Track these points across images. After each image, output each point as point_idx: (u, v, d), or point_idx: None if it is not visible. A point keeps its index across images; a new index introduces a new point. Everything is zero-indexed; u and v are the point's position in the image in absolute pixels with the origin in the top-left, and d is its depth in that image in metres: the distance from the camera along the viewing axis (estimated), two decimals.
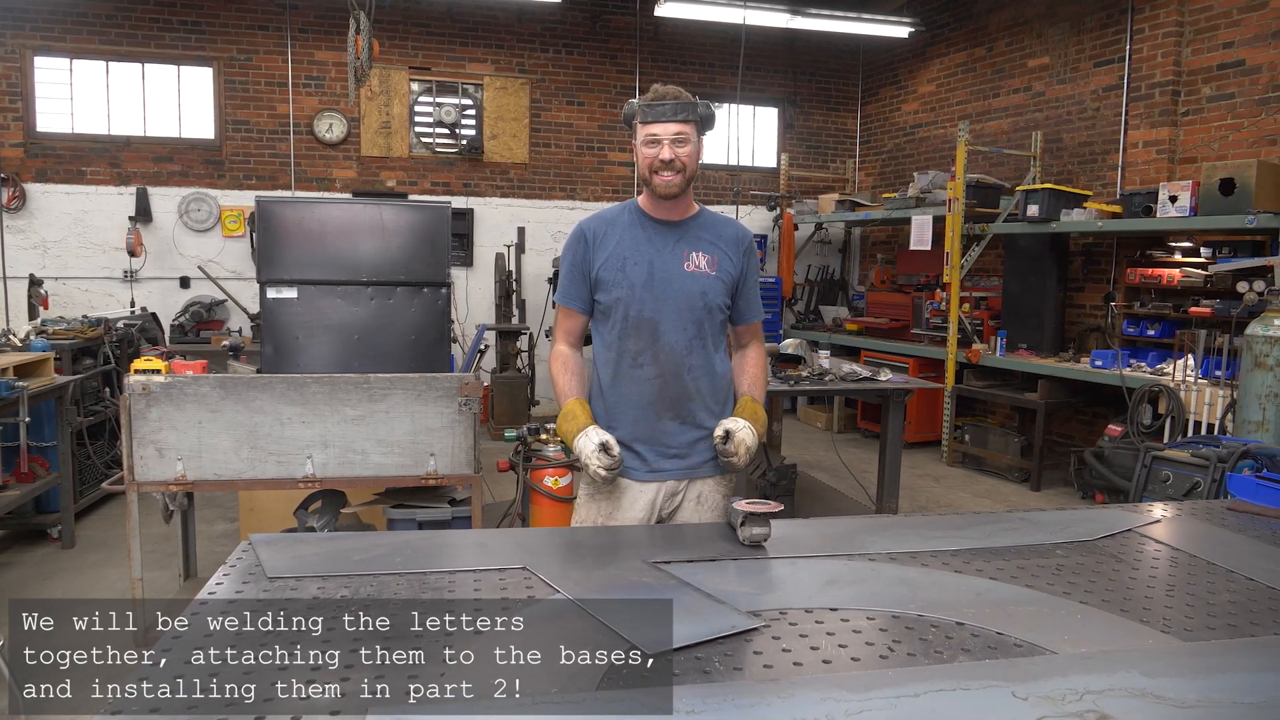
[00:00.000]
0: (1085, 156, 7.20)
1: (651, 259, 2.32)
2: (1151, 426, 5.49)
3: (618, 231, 2.36)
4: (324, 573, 1.63)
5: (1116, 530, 2.00)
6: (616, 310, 2.32)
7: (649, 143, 2.27)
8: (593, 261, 2.35)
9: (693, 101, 2.28)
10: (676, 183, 2.30)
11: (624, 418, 2.33)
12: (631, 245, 2.34)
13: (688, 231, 2.38)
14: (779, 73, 9.92)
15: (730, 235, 2.43)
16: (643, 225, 2.37)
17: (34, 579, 4.37)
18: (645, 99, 2.28)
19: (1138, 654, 1.35)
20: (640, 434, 2.32)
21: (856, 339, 8.62)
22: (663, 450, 2.32)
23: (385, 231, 3.93)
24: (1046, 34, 7.61)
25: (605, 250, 2.34)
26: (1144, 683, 1.21)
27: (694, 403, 2.33)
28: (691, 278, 2.32)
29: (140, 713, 1.11)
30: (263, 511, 4.31)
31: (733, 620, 1.42)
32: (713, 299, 2.34)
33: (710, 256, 2.35)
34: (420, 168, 8.86)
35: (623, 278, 2.31)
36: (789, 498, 5.35)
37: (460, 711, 1.11)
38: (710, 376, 2.35)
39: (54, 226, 7.97)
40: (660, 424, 2.31)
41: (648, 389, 2.31)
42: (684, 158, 2.28)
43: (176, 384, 3.26)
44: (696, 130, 2.30)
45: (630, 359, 2.32)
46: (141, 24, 8.04)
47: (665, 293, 2.30)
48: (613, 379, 2.35)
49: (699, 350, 2.33)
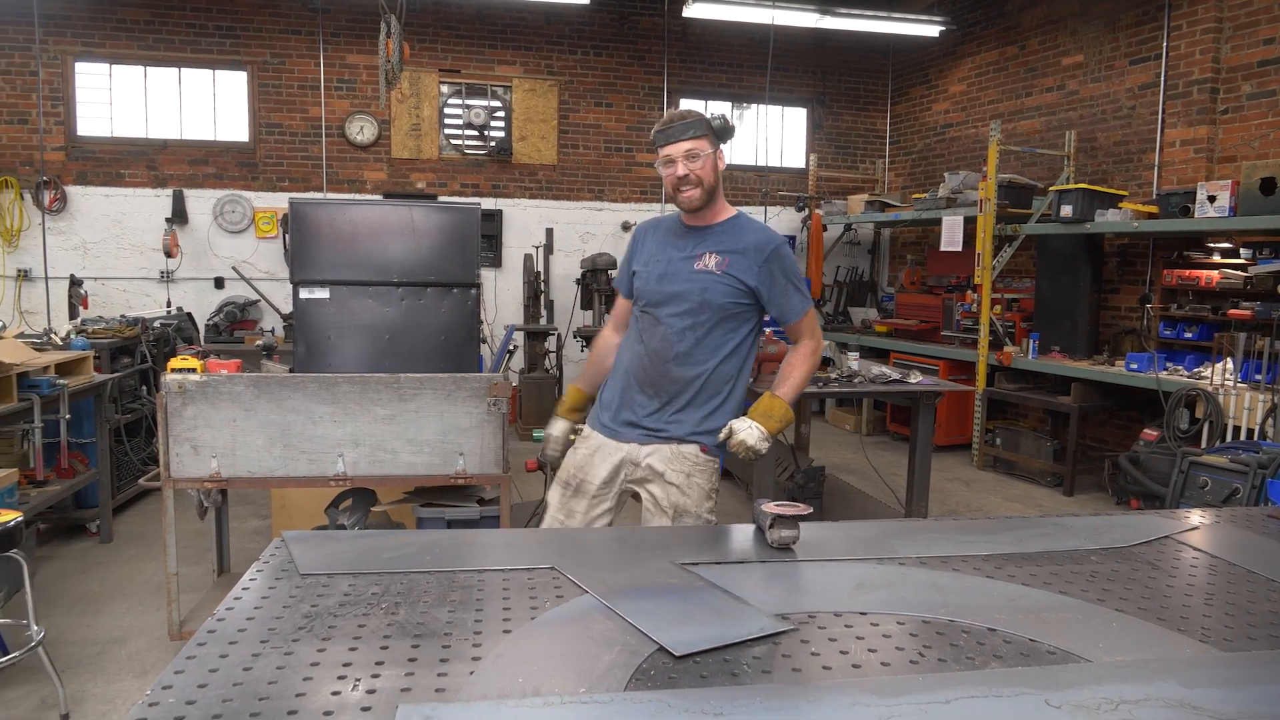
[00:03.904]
0: (1120, 156, 7.09)
1: (670, 258, 2.61)
2: (1189, 431, 5.39)
3: (658, 235, 2.70)
4: (355, 570, 1.65)
5: (1153, 537, 1.97)
6: (637, 299, 2.68)
7: (665, 163, 2.52)
8: (635, 257, 2.73)
9: (701, 118, 2.50)
10: (696, 196, 2.53)
11: (616, 379, 2.69)
12: (660, 247, 2.65)
13: (709, 236, 2.60)
14: (808, 73, 9.87)
15: (752, 241, 2.58)
16: (676, 232, 2.66)
17: (74, 572, 4.46)
18: (658, 125, 2.53)
19: (1175, 663, 1.32)
20: (620, 399, 2.64)
21: (886, 341, 8.56)
22: (629, 423, 2.61)
23: (415, 233, 3.96)
24: (1080, 32, 7.50)
25: (644, 251, 2.70)
26: (1182, 693, 1.19)
27: (672, 385, 2.56)
28: (697, 275, 2.55)
29: (176, 705, 1.13)
30: (294, 509, 4.36)
31: (761, 623, 1.42)
32: (712, 296, 2.52)
33: (721, 258, 2.55)
34: (450, 169, 8.93)
35: (646, 272, 2.64)
36: (817, 500, 5.32)
37: (489, 709, 1.12)
38: (692, 367, 2.55)
39: (93, 228, 8.14)
40: (638, 395, 2.60)
41: (637, 362, 2.62)
42: (697, 171, 2.50)
43: (211, 383, 3.31)
44: (711, 142, 2.52)
45: (635, 335, 2.67)
46: (178, 29, 8.19)
47: (670, 286, 2.57)
48: (624, 347, 2.73)
49: (690, 340, 2.54)
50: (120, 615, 3.94)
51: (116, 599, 4.12)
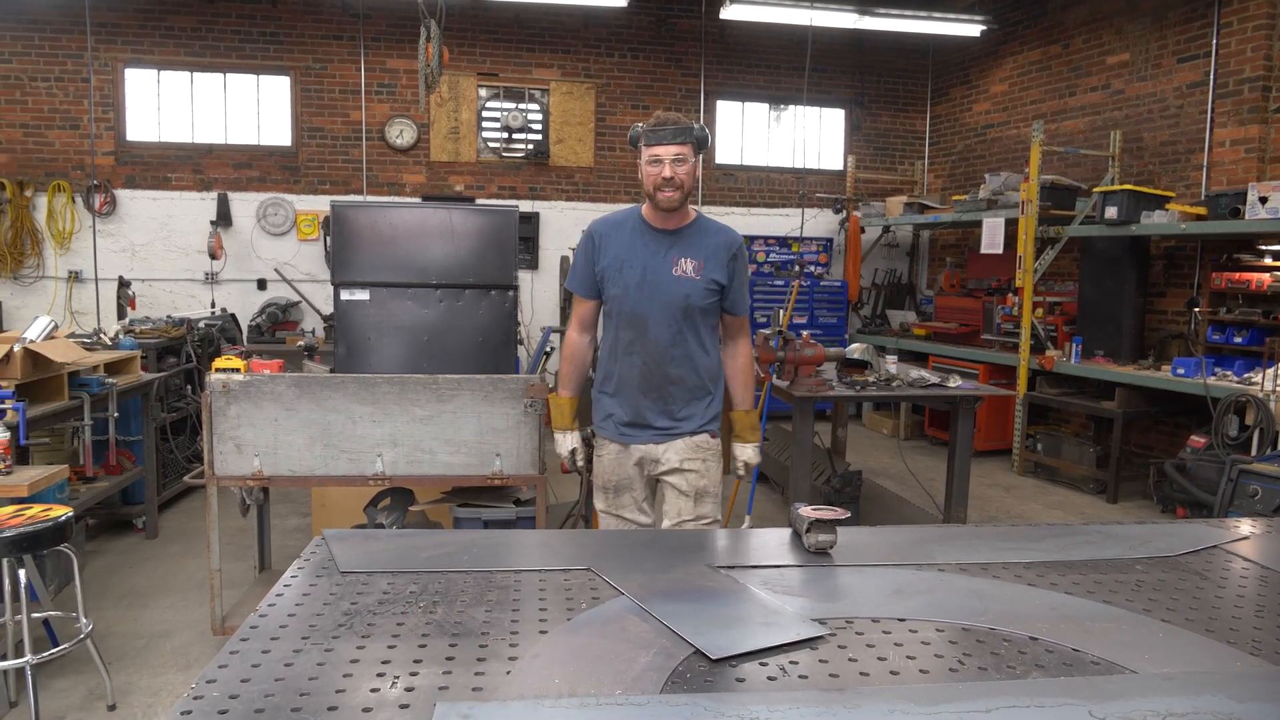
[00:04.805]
0: (1167, 156, 6.93)
1: (645, 263, 2.71)
2: (1238, 438, 5.25)
3: (621, 236, 2.75)
4: (394, 569, 1.67)
5: (1201, 546, 1.92)
6: (614, 305, 2.77)
7: (652, 162, 2.63)
8: (596, 259, 2.78)
9: (689, 126, 2.63)
10: (676, 198, 2.65)
11: (619, 392, 2.82)
12: (629, 250, 2.73)
13: (680, 239, 2.73)
14: (846, 73, 9.80)
15: (719, 242, 2.76)
16: (642, 233, 2.74)
17: (121, 567, 4.56)
18: (649, 124, 2.64)
19: (1225, 677, 1.29)
20: (629, 409, 2.81)
21: (924, 344, 8.45)
22: (643, 427, 2.81)
23: (454, 235, 4.00)
24: (1126, 29, 7.35)
25: (608, 253, 2.76)
26: (1231, 707, 1.16)
27: (674, 386, 2.77)
28: (678, 282, 2.70)
29: (220, 699, 1.15)
30: (333, 507, 4.43)
31: (798, 628, 1.41)
32: (694, 301, 2.72)
33: (697, 263, 2.71)
34: (487, 172, 9.00)
35: (620, 278, 2.72)
36: (854, 505, 5.27)
37: (526, 709, 1.12)
38: (690, 365, 2.77)
39: (141, 230, 8.33)
40: (643, 402, 2.78)
41: (635, 373, 2.78)
42: (682, 175, 2.63)
43: (254, 382, 3.37)
44: (694, 150, 2.65)
45: (624, 346, 2.79)
46: (224, 36, 8.36)
47: (654, 294, 2.70)
48: (611, 357, 2.84)
49: (681, 344, 2.74)
50: (165, 609, 4.03)
51: (161, 594, 4.21)
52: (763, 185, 9.66)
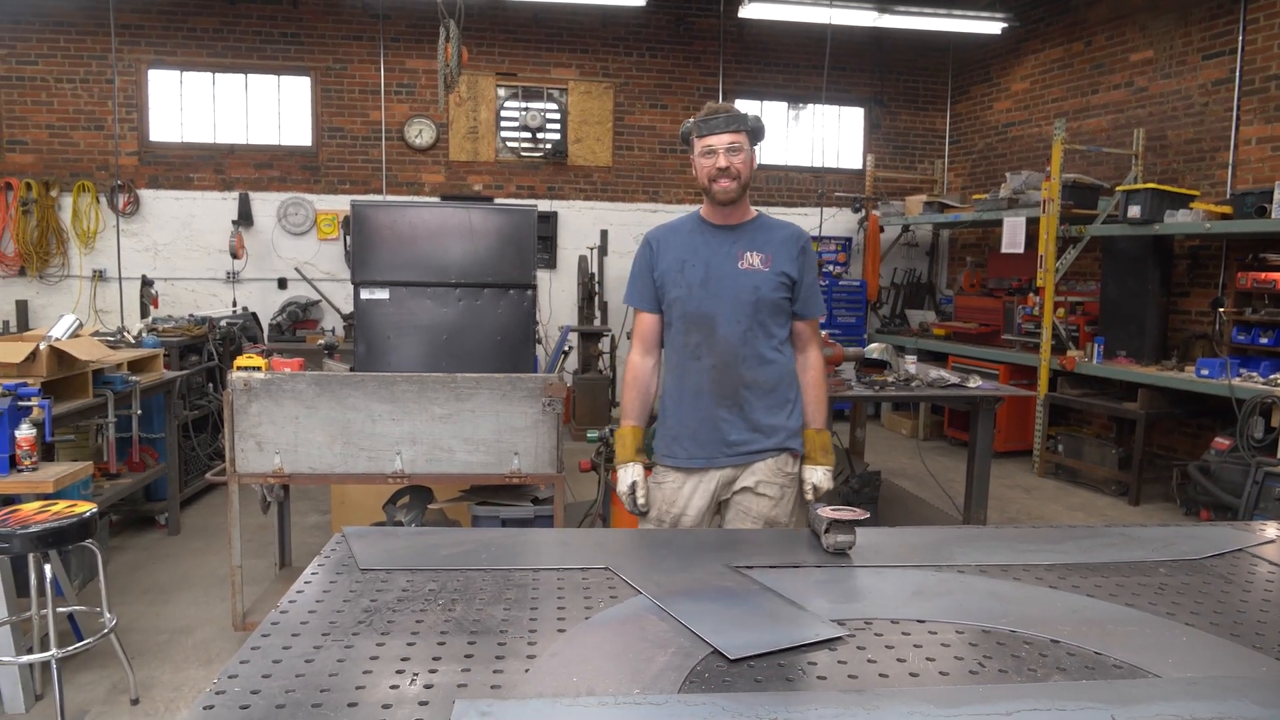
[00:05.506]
0: (1192, 155, 6.85)
1: (708, 259, 2.52)
2: (1263, 440, 5.18)
3: (679, 238, 2.58)
4: (413, 566, 1.68)
5: (1226, 550, 1.90)
6: (676, 308, 2.54)
7: (706, 153, 2.47)
8: (655, 265, 2.58)
9: (743, 114, 2.48)
10: (733, 188, 2.47)
11: (686, 410, 2.55)
12: (689, 249, 2.55)
13: (743, 234, 2.55)
14: (865, 72, 9.75)
15: (785, 235, 2.58)
16: (701, 231, 2.57)
17: (144, 562, 4.61)
18: (700, 115, 2.49)
19: (1250, 682, 1.27)
20: (700, 424, 2.53)
21: (944, 344, 8.39)
22: (720, 442, 2.52)
23: (473, 234, 4.02)
24: (1150, 26, 7.27)
25: (667, 255, 2.57)
26: (1257, 712, 1.14)
27: (748, 390, 2.51)
28: (745, 274, 2.50)
29: (242, 694, 1.16)
30: (352, 505, 4.46)
31: (817, 628, 1.40)
32: (765, 293, 2.50)
33: (764, 255, 2.52)
34: (506, 172, 9.03)
35: (681, 278, 2.53)
36: (872, 505, 5.25)
37: (544, 707, 1.12)
38: (764, 366, 2.52)
39: (164, 230, 8.42)
40: (717, 411, 2.51)
41: (705, 378, 2.52)
42: (739, 165, 2.46)
43: (275, 381, 3.40)
44: (749, 140, 2.49)
45: (691, 350, 2.54)
46: (245, 37, 8.43)
47: (720, 290, 2.50)
48: (678, 370, 2.57)
49: (753, 341, 2.51)
50: (187, 605, 4.07)
51: (183, 589, 4.26)
52: (781, 184, 9.63)
